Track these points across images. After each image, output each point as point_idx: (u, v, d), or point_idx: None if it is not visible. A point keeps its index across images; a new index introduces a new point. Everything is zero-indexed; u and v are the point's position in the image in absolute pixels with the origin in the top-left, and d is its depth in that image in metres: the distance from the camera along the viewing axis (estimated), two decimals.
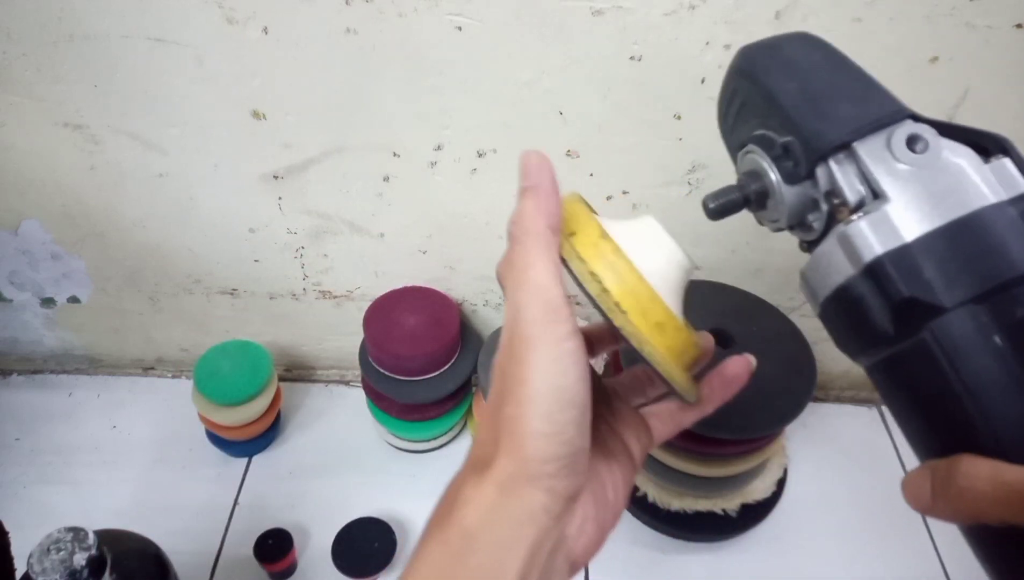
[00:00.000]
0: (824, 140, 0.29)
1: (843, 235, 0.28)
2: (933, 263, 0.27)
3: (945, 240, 0.27)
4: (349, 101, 0.59)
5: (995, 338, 0.26)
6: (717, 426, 0.57)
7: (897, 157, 0.28)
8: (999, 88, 0.57)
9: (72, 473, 0.73)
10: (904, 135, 0.28)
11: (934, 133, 0.29)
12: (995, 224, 0.27)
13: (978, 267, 0.26)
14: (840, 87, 0.30)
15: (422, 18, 0.54)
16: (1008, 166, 0.28)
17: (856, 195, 0.29)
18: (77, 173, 0.66)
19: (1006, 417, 0.26)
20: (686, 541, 0.69)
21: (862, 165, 0.29)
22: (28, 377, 0.83)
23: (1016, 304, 0.26)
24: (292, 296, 0.77)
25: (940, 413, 0.28)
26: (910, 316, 0.27)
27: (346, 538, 0.66)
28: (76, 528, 0.45)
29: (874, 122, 0.29)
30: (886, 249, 0.27)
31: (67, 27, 0.55)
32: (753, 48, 0.33)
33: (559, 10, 0.53)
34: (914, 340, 0.27)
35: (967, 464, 0.27)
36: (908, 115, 0.29)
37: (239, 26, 0.55)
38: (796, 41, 0.33)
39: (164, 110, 0.61)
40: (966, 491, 0.26)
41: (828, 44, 0.32)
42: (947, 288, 0.26)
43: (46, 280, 0.76)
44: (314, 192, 0.66)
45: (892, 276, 0.27)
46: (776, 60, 0.32)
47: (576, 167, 0.62)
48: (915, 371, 0.28)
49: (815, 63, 0.31)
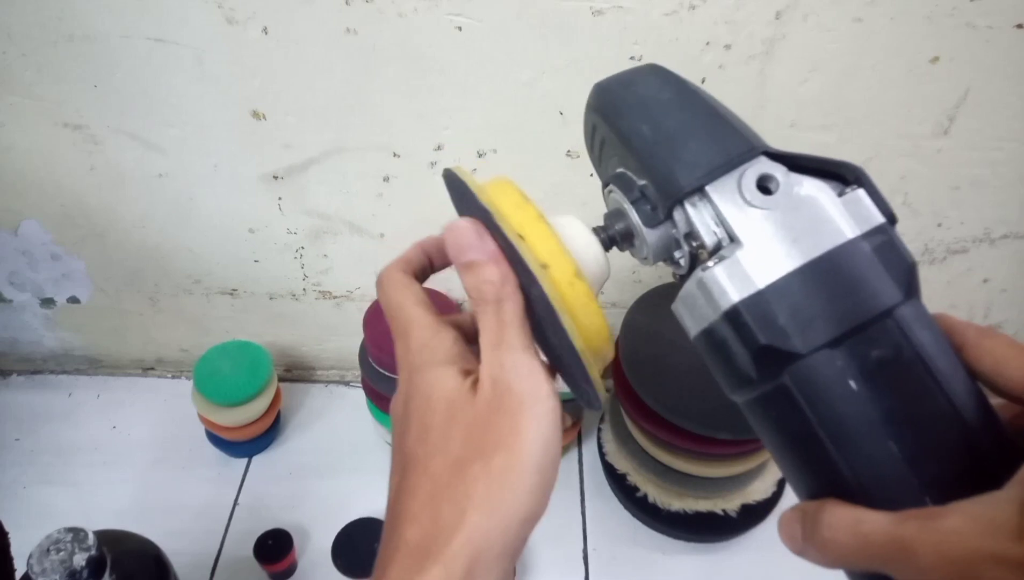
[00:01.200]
0: (676, 185, 0.29)
1: (700, 282, 0.28)
2: (787, 309, 0.26)
3: (799, 284, 0.26)
4: (349, 101, 0.59)
5: (851, 383, 0.26)
6: (717, 426, 0.57)
7: (748, 200, 0.28)
8: (1000, 88, 0.57)
9: (72, 473, 0.73)
10: (755, 176, 0.28)
11: (785, 171, 0.28)
12: (847, 265, 0.26)
13: (832, 310, 0.26)
14: (692, 127, 0.30)
15: (422, 18, 0.54)
16: (862, 198, 0.27)
17: (713, 238, 0.28)
18: (77, 173, 0.66)
19: (866, 461, 0.26)
20: (686, 541, 0.69)
21: (715, 208, 0.28)
22: (28, 377, 0.83)
23: (872, 345, 0.26)
24: (292, 296, 0.77)
25: (806, 456, 0.28)
26: (769, 362, 0.27)
27: (346, 538, 0.66)
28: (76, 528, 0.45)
29: (725, 164, 0.28)
30: (741, 297, 0.27)
31: (67, 27, 0.55)
32: (606, 86, 0.33)
33: (559, 10, 0.53)
34: (775, 384, 0.27)
35: (829, 514, 0.26)
36: (761, 152, 0.29)
37: (239, 26, 0.55)
38: (648, 77, 0.32)
39: (164, 110, 0.61)
40: (829, 541, 0.26)
41: (680, 79, 0.32)
42: (802, 334, 0.26)
43: (46, 280, 0.76)
44: (314, 192, 0.66)
45: (748, 324, 0.27)
46: (629, 100, 0.31)
47: (576, 167, 0.62)
48: (779, 414, 0.28)
49: (667, 102, 0.31)
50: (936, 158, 0.62)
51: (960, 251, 0.70)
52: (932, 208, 0.67)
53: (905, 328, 0.26)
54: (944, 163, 0.62)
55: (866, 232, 0.27)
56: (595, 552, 0.69)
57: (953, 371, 0.27)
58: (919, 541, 0.24)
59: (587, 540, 0.70)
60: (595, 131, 0.34)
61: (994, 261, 0.71)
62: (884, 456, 0.26)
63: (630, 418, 0.65)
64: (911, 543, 0.24)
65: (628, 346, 0.63)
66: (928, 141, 0.61)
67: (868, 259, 0.27)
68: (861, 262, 0.26)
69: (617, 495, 0.72)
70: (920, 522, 0.24)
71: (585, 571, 0.68)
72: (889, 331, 0.26)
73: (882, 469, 0.26)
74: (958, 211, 0.67)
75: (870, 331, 0.26)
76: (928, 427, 0.26)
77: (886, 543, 0.25)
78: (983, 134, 0.60)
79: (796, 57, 0.55)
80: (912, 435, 0.26)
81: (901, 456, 0.26)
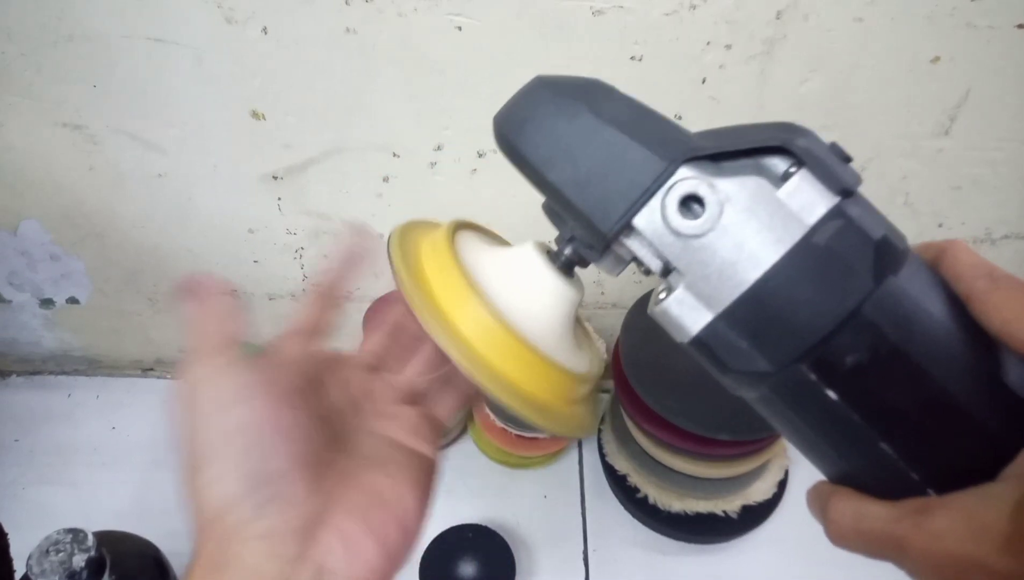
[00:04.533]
0: (598, 232, 0.27)
1: (657, 314, 0.27)
2: (747, 332, 0.25)
3: (752, 306, 0.25)
4: (349, 101, 0.59)
5: (828, 392, 0.25)
6: (718, 427, 0.57)
7: (675, 230, 0.26)
8: (1000, 88, 0.57)
9: (71, 474, 0.73)
10: (676, 201, 0.26)
11: (710, 182, 0.25)
12: (797, 276, 0.24)
13: (792, 327, 0.25)
14: (597, 159, 0.27)
15: (422, 18, 0.53)
16: (805, 182, 0.25)
17: (657, 264, 0.27)
18: (76, 173, 0.65)
19: (862, 463, 0.26)
20: (687, 543, 0.69)
21: (648, 241, 0.27)
22: (27, 378, 0.83)
23: (841, 353, 0.24)
24: (292, 297, 0.76)
25: (809, 451, 0.28)
26: (746, 379, 0.26)
27: None
28: (75, 529, 0.45)
29: (643, 193, 0.26)
30: (698, 329, 0.26)
31: (67, 27, 0.55)
32: (500, 123, 0.30)
33: (559, 10, 0.53)
34: (760, 394, 0.27)
35: (835, 502, 0.26)
36: (681, 161, 0.26)
37: (239, 26, 0.55)
38: (540, 106, 0.29)
39: (163, 110, 0.60)
40: (835, 532, 0.26)
41: (574, 93, 0.29)
42: (769, 354, 0.25)
43: (45, 281, 0.76)
44: (314, 192, 0.66)
45: (714, 352, 0.26)
46: (527, 143, 0.29)
47: None
48: (773, 415, 0.28)
49: (564, 135, 0.28)
50: (937, 158, 0.62)
51: None
52: (933, 208, 0.67)
53: (880, 320, 0.24)
54: (945, 163, 0.62)
55: (816, 223, 0.24)
56: (595, 553, 0.69)
57: (949, 347, 0.25)
58: (910, 541, 0.23)
59: (587, 541, 0.70)
60: (511, 161, 0.32)
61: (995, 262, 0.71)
62: (878, 457, 0.25)
63: (630, 419, 0.65)
64: (903, 543, 0.24)
65: (628, 346, 0.63)
66: (929, 141, 0.61)
67: (824, 256, 0.24)
68: (816, 263, 0.24)
69: (617, 496, 0.72)
70: (912, 519, 0.24)
71: (585, 572, 0.68)
72: (861, 330, 0.24)
73: (879, 469, 0.25)
74: (959, 211, 0.67)
75: (840, 336, 0.24)
76: (921, 421, 0.25)
77: (883, 538, 0.25)
78: (984, 134, 0.60)
79: (797, 57, 0.55)
80: (904, 434, 0.25)
81: (896, 455, 0.25)
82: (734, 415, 0.57)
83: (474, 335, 0.29)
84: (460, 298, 0.30)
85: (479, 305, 0.30)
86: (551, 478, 0.74)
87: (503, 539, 0.66)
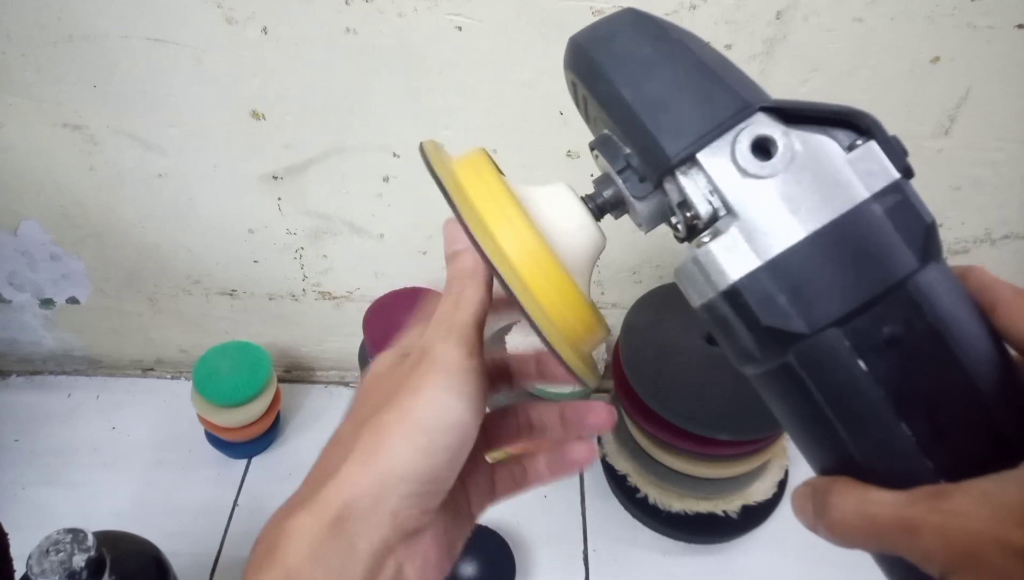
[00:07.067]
0: (662, 156, 0.26)
1: (696, 259, 0.26)
2: (789, 287, 0.24)
3: (802, 259, 0.24)
4: (349, 101, 0.59)
5: (859, 362, 0.24)
6: (718, 427, 0.57)
7: (743, 168, 0.25)
8: (1000, 88, 0.57)
9: (71, 474, 0.73)
10: (748, 140, 0.26)
11: (784, 130, 0.26)
12: (854, 235, 0.24)
13: (839, 286, 0.24)
14: (677, 86, 0.27)
15: (422, 18, 0.53)
16: (873, 152, 0.25)
17: (708, 208, 0.26)
18: (76, 173, 0.65)
19: (877, 444, 0.25)
20: (687, 543, 0.69)
21: (708, 177, 0.26)
22: (27, 378, 0.83)
23: (882, 321, 0.24)
24: (291, 297, 0.76)
25: (816, 434, 0.27)
26: (772, 341, 0.25)
27: None
28: (75, 529, 0.45)
29: (716, 128, 0.26)
30: (739, 275, 0.25)
31: (66, 27, 0.55)
32: (580, 42, 0.30)
33: (559, 10, 0.53)
34: (781, 362, 0.26)
35: (837, 494, 0.25)
36: (758, 107, 0.26)
37: (238, 26, 0.55)
38: (627, 29, 0.29)
39: (163, 110, 0.60)
40: (837, 523, 0.25)
41: (663, 28, 0.29)
42: (806, 313, 0.24)
43: (45, 281, 0.76)
44: (314, 192, 0.66)
45: (748, 304, 0.25)
46: (605, 59, 0.28)
47: (576, 167, 0.62)
48: (786, 392, 0.27)
49: (647, 59, 0.27)
50: (937, 158, 0.62)
51: (961, 252, 0.70)
52: (933, 208, 0.65)
53: (920, 299, 0.24)
54: (945, 163, 0.62)
55: (877, 192, 0.25)
56: (595, 553, 0.69)
57: (976, 343, 0.25)
58: (924, 522, 0.23)
59: (587, 541, 0.70)
60: (576, 89, 0.31)
61: (995, 262, 0.71)
62: (896, 439, 0.25)
63: (630, 419, 0.65)
64: (916, 524, 0.23)
65: (628, 346, 0.63)
66: (929, 141, 0.61)
67: (878, 225, 0.24)
68: (870, 230, 0.24)
69: (617, 496, 0.72)
70: (927, 502, 0.23)
71: (585, 572, 0.68)
72: (902, 304, 0.24)
73: (894, 452, 0.25)
74: (959, 211, 0.67)
75: (881, 306, 0.24)
76: (944, 408, 0.25)
77: (892, 524, 0.24)
78: (984, 134, 0.60)
79: (797, 57, 0.55)
80: (927, 416, 0.25)
81: (915, 439, 0.24)
82: (734, 415, 0.57)
83: (522, 261, 0.28)
84: (512, 222, 0.29)
85: (532, 231, 0.28)
86: None
87: (503, 539, 0.66)
